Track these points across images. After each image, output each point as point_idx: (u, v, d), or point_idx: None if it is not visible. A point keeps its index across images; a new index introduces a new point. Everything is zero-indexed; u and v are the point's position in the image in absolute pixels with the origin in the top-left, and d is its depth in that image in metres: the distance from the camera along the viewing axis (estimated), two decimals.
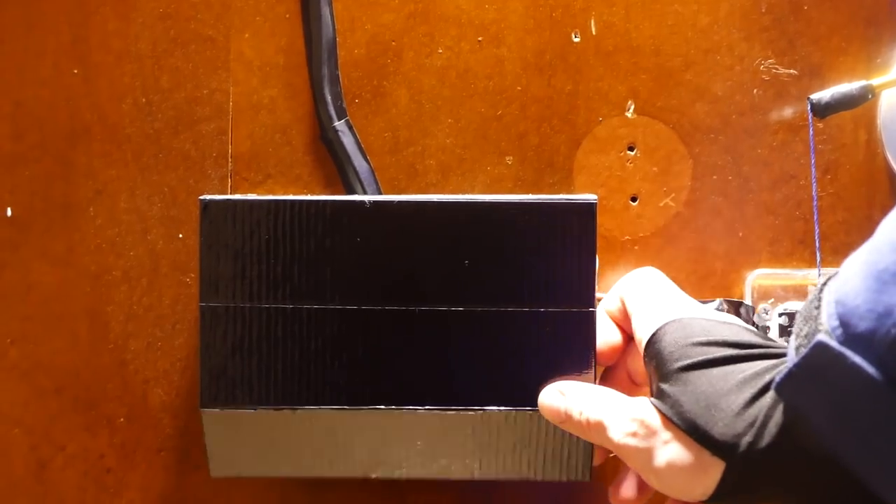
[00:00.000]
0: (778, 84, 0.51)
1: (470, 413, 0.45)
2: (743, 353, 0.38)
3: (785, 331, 0.49)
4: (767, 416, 0.35)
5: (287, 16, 0.51)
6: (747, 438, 0.35)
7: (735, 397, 0.36)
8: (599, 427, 0.40)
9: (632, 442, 0.39)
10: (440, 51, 0.51)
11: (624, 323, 0.46)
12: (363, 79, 0.51)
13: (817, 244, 0.50)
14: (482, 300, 0.45)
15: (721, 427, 0.36)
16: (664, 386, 0.39)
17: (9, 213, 0.51)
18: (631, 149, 0.51)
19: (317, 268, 0.45)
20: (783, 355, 0.37)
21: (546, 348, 0.45)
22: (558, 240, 0.45)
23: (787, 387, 0.34)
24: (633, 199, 0.51)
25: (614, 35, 0.51)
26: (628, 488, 0.44)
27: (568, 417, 0.43)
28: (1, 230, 0.51)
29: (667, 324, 0.41)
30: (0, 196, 0.51)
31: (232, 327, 0.46)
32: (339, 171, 0.50)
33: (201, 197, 0.46)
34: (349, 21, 0.51)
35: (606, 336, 0.46)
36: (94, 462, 0.51)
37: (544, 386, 0.45)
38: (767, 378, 0.36)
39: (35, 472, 0.51)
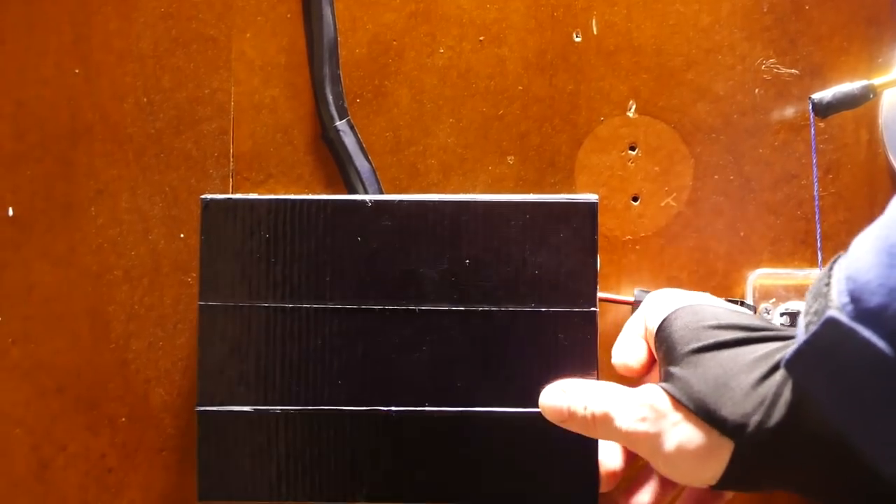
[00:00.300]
0: (779, 84, 0.51)
1: (470, 414, 0.45)
2: (753, 335, 0.38)
3: None
4: (777, 396, 0.35)
5: (288, 15, 0.51)
6: (756, 418, 0.35)
7: (745, 377, 0.36)
8: (605, 419, 0.40)
9: (641, 427, 0.38)
10: (441, 50, 0.51)
11: (647, 340, 0.45)
12: (364, 78, 0.51)
13: (819, 244, 0.50)
14: (483, 300, 0.45)
15: (730, 407, 0.36)
16: (673, 369, 0.39)
17: (10, 212, 0.51)
18: (632, 148, 0.51)
19: (317, 267, 0.45)
20: (793, 338, 0.37)
21: (548, 349, 0.45)
22: (560, 239, 0.45)
23: (797, 364, 0.33)
24: (635, 199, 0.51)
25: (616, 35, 0.51)
26: (644, 495, 0.44)
27: (571, 415, 0.42)
28: (2, 230, 0.51)
29: (678, 309, 0.41)
30: (1, 196, 0.51)
31: (231, 326, 0.45)
32: (340, 171, 0.50)
33: (202, 196, 0.46)
34: (350, 21, 0.51)
35: (635, 353, 0.45)
36: (95, 462, 0.51)
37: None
38: (777, 357, 0.36)
39: (36, 471, 0.51)
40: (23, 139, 0.51)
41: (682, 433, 0.37)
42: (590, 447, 0.44)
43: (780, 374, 0.35)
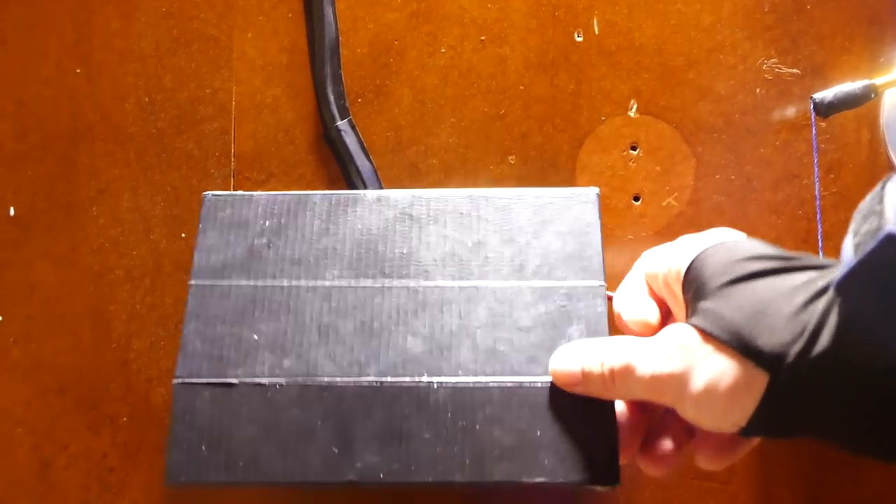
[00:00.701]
0: (781, 83, 0.51)
1: (479, 387, 0.43)
2: (790, 264, 0.35)
3: None
4: (820, 323, 0.32)
5: (290, 15, 0.51)
6: (796, 347, 0.32)
7: (784, 304, 0.33)
8: (626, 371, 0.37)
9: (667, 367, 0.35)
10: (443, 50, 0.51)
11: (661, 291, 0.42)
12: (366, 78, 0.51)
13: (820, 244, 0.50)
14: (487, 276, 0.45)
15: (767, 335, 0.33)
16: (703, 304, 0.35)
17: (11, 212, 0.51)
18: (634, 148, 0.51)
19: (315, 250, 0.45)
20: (831, 267, 0.35)
21: (555, 321, 0.44)
22: (563, 224, 0.45)
23: (850, 285, 0.31)
24: (636, 199, 0.51)
25: (617, 34, 0.51)
26: (664, 442, 0.40)
27: (586, 375, 0.39)
28: (4, 230, 0.51)
29: (709, 248, 0.38)
30: (3, 195, 0.51)
31: (221, 302, 0.43)
32: (341, 171, 0.50)
33: (205, 192, 0.46)
34: (352, 20, 0.51)
35: (650, 307, 0.42)
36: (96, 461, 0.51)
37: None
38: (820, 284, 0.33)
39: (38, 471, 0.51)
40: (24, 139, 0.51)
41: (712, 367, 0.34)
42: (607, 415, 0.41)
43: (824, 301, 0.33)
